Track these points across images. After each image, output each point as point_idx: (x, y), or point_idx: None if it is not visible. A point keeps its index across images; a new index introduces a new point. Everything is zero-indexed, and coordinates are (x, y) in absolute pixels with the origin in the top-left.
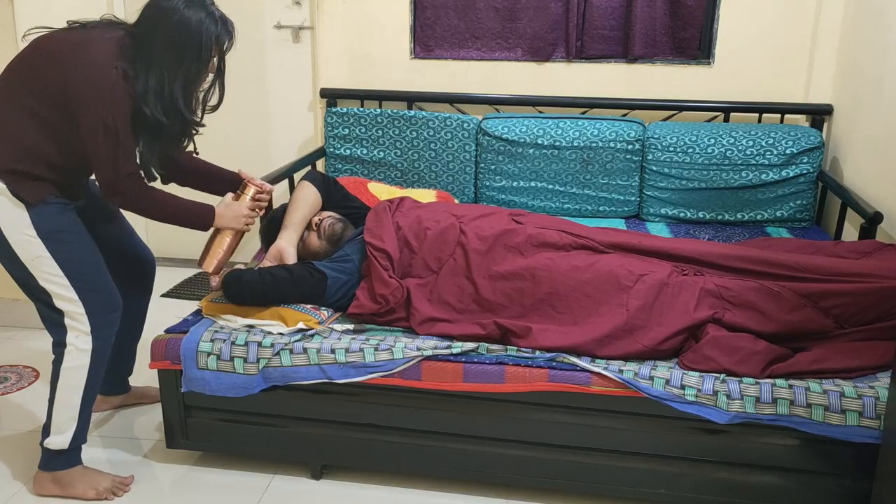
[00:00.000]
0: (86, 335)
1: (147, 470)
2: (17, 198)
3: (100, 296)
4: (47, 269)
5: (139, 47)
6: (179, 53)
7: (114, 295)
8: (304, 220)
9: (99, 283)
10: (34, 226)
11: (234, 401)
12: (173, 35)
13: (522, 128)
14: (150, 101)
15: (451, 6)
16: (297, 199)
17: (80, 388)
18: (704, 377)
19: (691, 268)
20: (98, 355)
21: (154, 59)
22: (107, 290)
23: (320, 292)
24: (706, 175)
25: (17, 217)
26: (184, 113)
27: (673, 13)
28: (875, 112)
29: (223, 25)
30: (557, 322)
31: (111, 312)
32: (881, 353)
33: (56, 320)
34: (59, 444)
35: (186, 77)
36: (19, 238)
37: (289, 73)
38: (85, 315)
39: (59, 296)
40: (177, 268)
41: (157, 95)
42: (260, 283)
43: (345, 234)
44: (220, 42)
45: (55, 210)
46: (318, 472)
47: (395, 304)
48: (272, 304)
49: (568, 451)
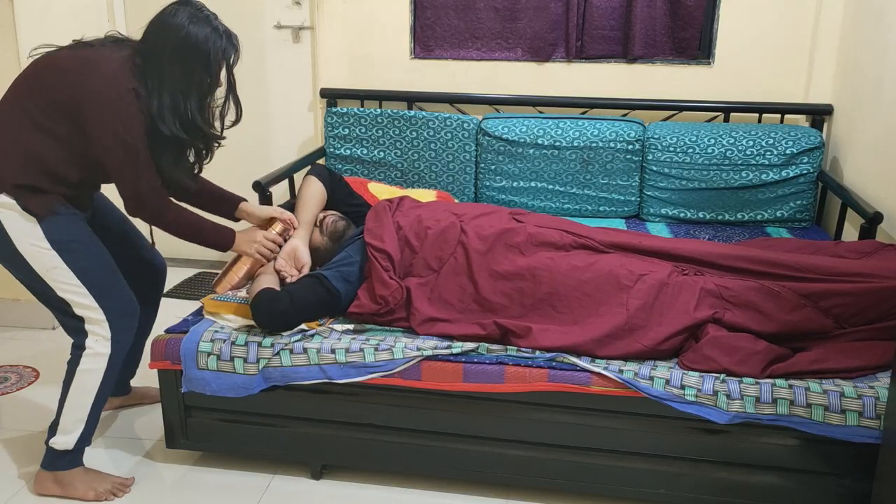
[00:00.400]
0: (106, 340)
1: (147, 470)
2: (27, 211)
3: (117, 301)
4: (64, 280)
5: (148, 65)
6: (189, 69)
7: (131, 299)
8: (314, 218)
9: (116, 288)
10: (47, 237)
11: (234, 401)
12: (181, 51)
13: (522, 128)
14: (167, 119)
15: (451, 6)
16: (304, 196)
17: (93, 392)
18: (704, 377)
19: (691, 268)
20: (115, 360)
21: (165, 76)
22: (123, 295)
23: (334, 309)
24: (706, 175)
25: (28, 230)
26: (202, 128)
27: (673, 13)
28: (875, 112)
29: (228, 40)
30: (557, 322)
31: (129, 317)
32: (881, 353)
33: (76, 327)
34: (65, 444)
35: (200, 92)
36: (33, 251)
37: (289, 73)
38: (105, 321)
39: (78, 304)
40: (177, 268)
41: (174, 113)
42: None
43: (346, 232)
44: (227, 56)
45: (66, 221)
46: (318, 472)
47: (395, 304)
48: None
49: (568, 451)
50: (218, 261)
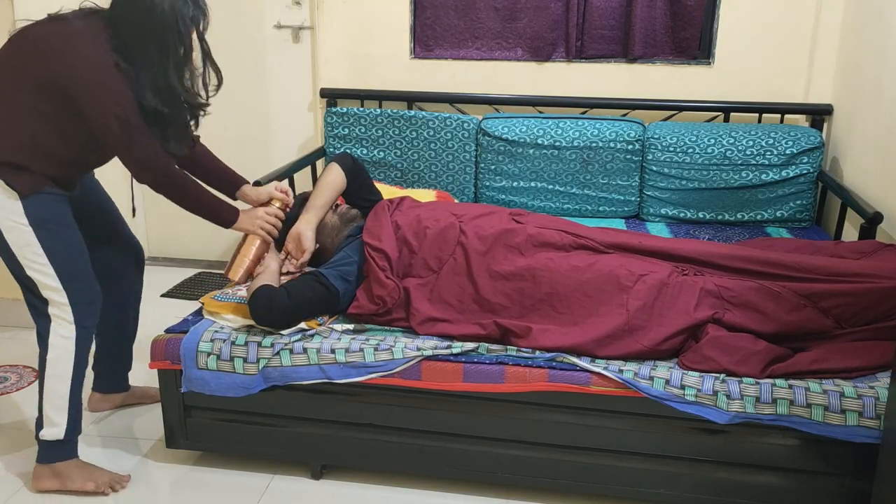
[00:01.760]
0: (69, 324)
1: (148, 470)
2: (10, 188)
3: (82, 287)
4: (34, 258)
5: (121, 39)
6: (160, 41)
7: (95, 288)
8: (327, 205)
9: (82, 274)
10: (26, 214)
11: (234, 401)
12: (149, 23)
13: (522, 128)
14: (146, 94)
15: (451, 6)
16: (323, 182)
17: (68, 378)
18: (704, 377)
19: (691, 268)
20: (81, 343)
21: (136, 51)
22: (89, 283)
23: (332, 307)
24: (706, 175)
25: (9, 206)
26: (185, 98)
27: (673, 13)
28: (875, 112)
29: (195, 5)
30: (557, 322)
31: (92, 304)
32: (881, 353)
33: (41, 309)
34: (54, 434)
35: (176, 63)
36: (10, 225)
37: (289, 73)
38: (68, 305)
39: (43, 285)
40: (177, 268)
41: (152, 88)
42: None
43: (356, 219)
44: (196, 21)
45: (48, 200)
46: (318, 472)
47: (393, 304)
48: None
49: (568, 451)
50: (217, 260)
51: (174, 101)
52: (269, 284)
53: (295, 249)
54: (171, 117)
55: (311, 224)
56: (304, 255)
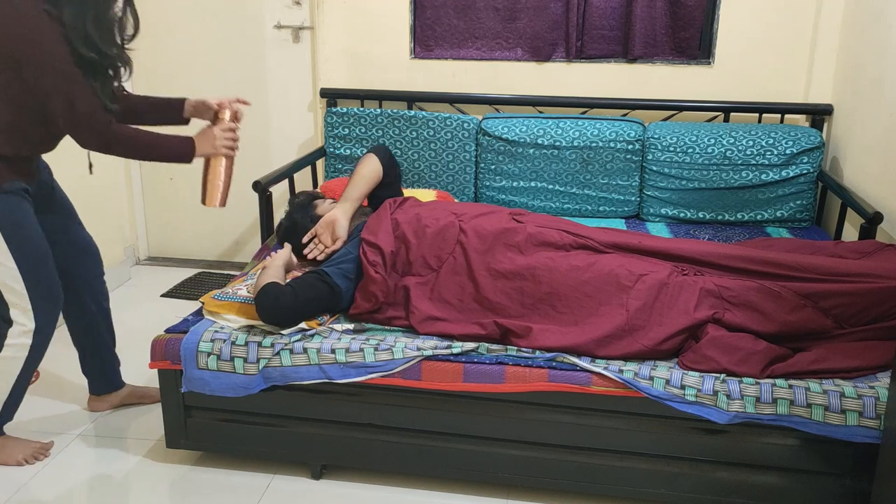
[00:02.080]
0: (28, 332)
1: (148, 470)
2: None
3: (45, 290)
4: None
5: None
6: None
7: (58, 291)
8: (362, 196)
9: (46, 276)
10: None
11: (234, 401)
12: None
13: (522, 128)
14: (74, 40)
15: (451, 6)
16: (360, 173)
17: (13, 377)
18: (704, 377)
19: (691, 268)
20: (35, 352)
21: None
22: (52, 285)
23: (335, 305)
24: (706, 175)
25: None
26: (101, 47)
27: (673, 13)
28: (875, 112)
29: None
30: (557, 322)
31: (54, 308)
32: (881, 353)
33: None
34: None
35: (96, 10)
36: None
37: (289, 73)
38: (31, 310)
39: (8, 288)
40: (177, 268)
41: (77, 33)
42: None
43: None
44: None
45: (15, 200)
46: (318, 472)
47: (385, 298)
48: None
49: (568, 451)
50: (216, 260)
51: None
52: (276, 282)
53: (326, 236)
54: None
55: (348, 214)
56: (335, 244)
